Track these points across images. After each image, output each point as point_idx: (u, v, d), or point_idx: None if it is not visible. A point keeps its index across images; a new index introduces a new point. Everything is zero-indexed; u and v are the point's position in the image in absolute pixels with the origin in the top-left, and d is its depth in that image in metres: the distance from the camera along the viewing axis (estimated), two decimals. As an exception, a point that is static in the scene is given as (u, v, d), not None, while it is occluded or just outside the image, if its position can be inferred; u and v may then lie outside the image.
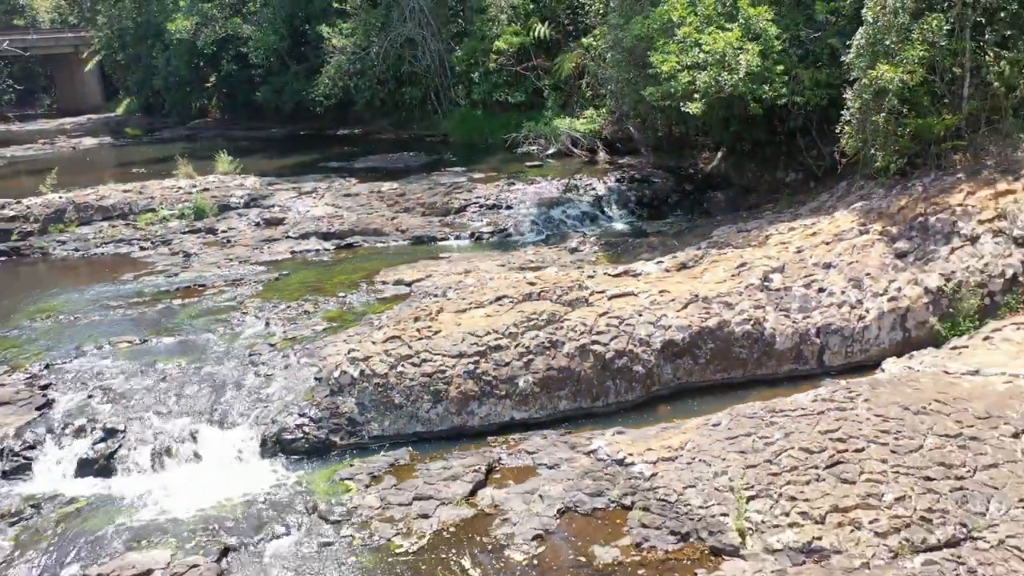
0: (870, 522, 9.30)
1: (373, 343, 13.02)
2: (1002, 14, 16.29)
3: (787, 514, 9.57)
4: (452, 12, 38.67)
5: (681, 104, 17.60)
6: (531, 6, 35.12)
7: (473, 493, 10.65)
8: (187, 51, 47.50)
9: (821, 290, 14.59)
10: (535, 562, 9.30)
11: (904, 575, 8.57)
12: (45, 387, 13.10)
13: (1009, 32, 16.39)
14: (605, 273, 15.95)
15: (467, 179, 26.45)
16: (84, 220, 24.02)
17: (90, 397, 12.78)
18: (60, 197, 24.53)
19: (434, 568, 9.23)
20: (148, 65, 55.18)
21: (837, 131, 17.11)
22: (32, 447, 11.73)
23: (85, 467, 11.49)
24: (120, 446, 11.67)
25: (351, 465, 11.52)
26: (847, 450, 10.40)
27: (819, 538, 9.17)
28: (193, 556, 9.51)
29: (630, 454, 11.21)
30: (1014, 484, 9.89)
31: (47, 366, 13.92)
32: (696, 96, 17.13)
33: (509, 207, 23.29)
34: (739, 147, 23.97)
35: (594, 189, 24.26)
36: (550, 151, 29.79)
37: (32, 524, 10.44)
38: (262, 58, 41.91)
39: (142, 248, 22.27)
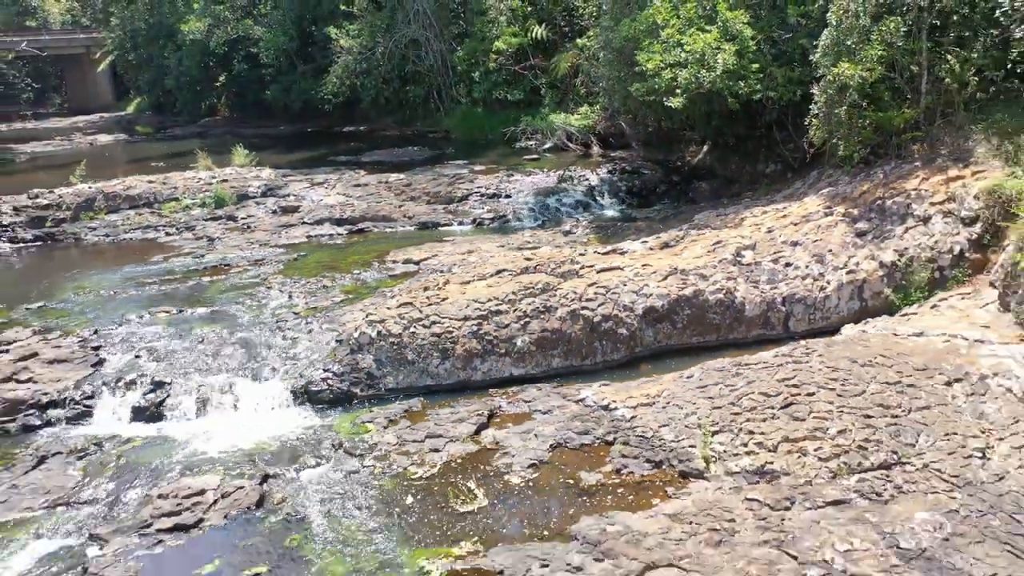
0: (815, 450, 10.83)
1: (388, 309, 14.55)
2: (955, 17, 17.77)
3: (745, 444, 11.10)
4: (454, 14, 40.11)
5: (664, 99, 19.15)
6: (529, 8, 36.59)
7: (477, 433, 12.17)
8: (199, 52, 49.00)
9: (788, 264, 16.13)
10: (530, 484, 10.82)
11: (840, 490, 10.10)
12: (96, 348, 14.62)
13: (962, 34, 17.86)
14: (595, 251, 17.49)
15: (468, 171, 27.94)
16: (112, 208, 25.50)
17: (137, 357, 14.29)
18: (90, 187, 26.01)
19: (444, 489, 10.74)
20: (160, 65, 56.63)
21: (806, 124, 18.63)
22: (91, 397, 13.26)
23: (138, 414, 13.00)
24: (167, 396, 13.18)
25: (370, 412, 13.04)
26: (799, 394, 11.93)
27: (771, 463, 10.70)
28: (239, 480, 11.03)
29: (613, 401, 12.74)
30: (942, 422, 11.42)
31: (95, 331, 15.41)
32: (678, 91, 18.67)
33: (508, 196, 24.78)
34: (722, 141, 25.47)
35: (587, 180, 25.74)
36: (547, 145, 31.27)
37: (96, 459, 11.95)
38: (272, 58, 43.41)
39: (168, 233, 23.74)
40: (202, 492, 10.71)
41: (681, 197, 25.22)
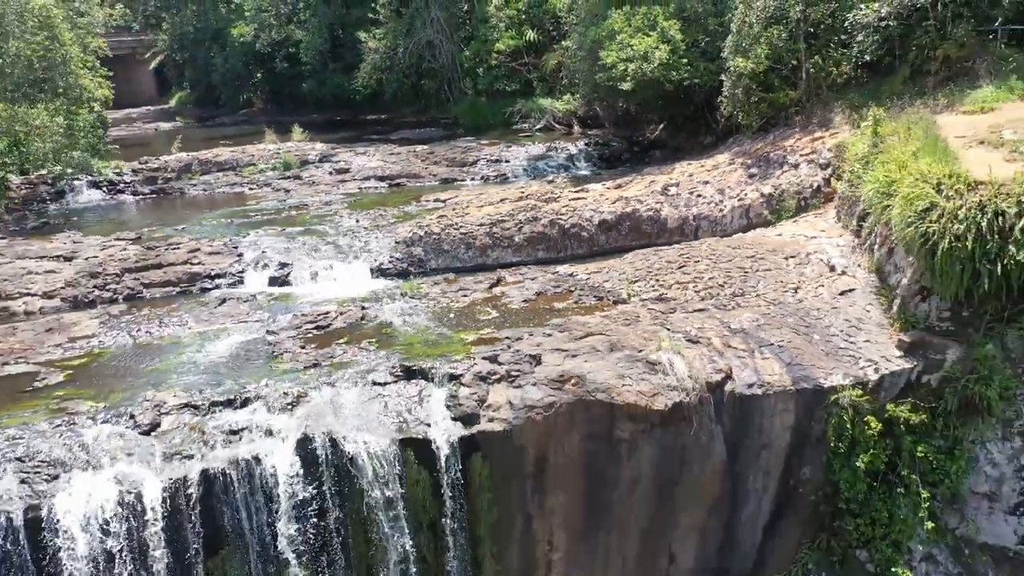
0: (692, 287, 17.27)
1: (429, 220, 20.95)
2: (821, 27, 24.09)
3: (652, 287, 17.55)
4: (462, 21, 46.22)
5: (618, 84, 25.53)
6: (523, 16, 42.67)
7: (490, 288, 18.54)
8: (244, 52, 55.12)
9: (699, 196, 22.54)
10: (523, 309, 17.21)
11: (703, 305, 16.51)
12: (235, 247, 20.98)
13: (826, 39, 24.16)
14: (568, 190, 23.88)
15: (476, 144, 34.24)
16: (205, 171, 31.74)
17: (263, 253, 20.65)
18: (187, 155, 32.30)
19: (472, 311, 17.13)
20: (205, 64, 62.65)
21: (719, 103, 25.02)
22: (242, 272, 19.64)
23: (272, 281, 19.37)
24: (291, 271, 19.57)
25: (421, 280, 19.44)
26: (688, 262, 18.38)
27: (666, 294, 17.14)
28: (347, 307, 17.41)
29: (576, 272, 19.17)
30: (775, 276, 17.81)
31: (230, 239, 21.76)
32: (628, 78, 25.05)
33: (507, 161, 31.07)
34: (672, 120, 31.85)
35: (568, 150, 32.05)
36: (538, 125, 37.54)
37: (255, 302, 18.30)
38: (310, 57, 49.56)
39: (250, 188, 30.01)
40: (327, 313, 17.08)
41: (639, 162, 31.51)
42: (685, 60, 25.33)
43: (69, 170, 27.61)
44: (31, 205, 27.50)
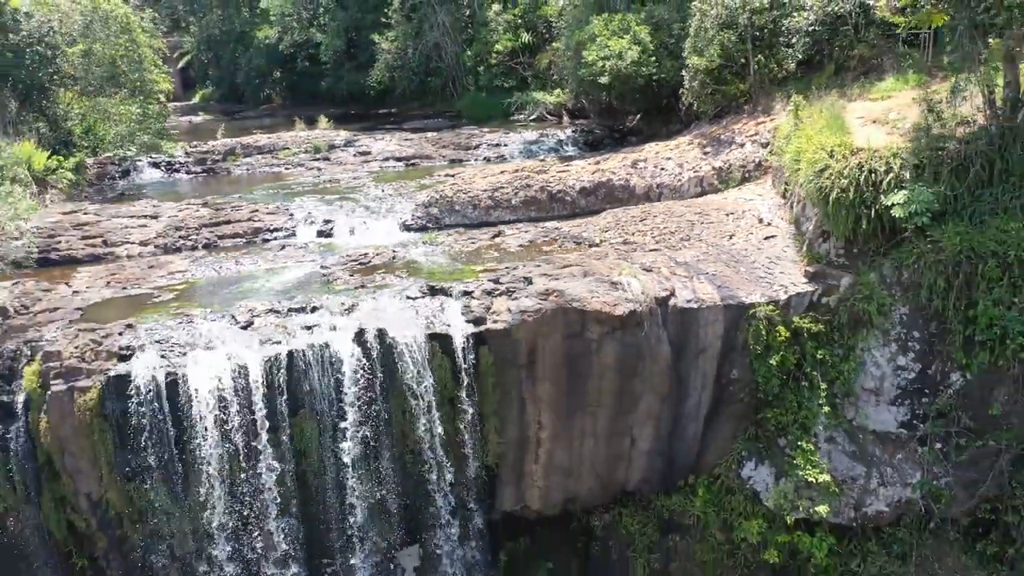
0: (651, 234, 21.43)
1: (443, 186, 25.10)
2: (765, 31, 28.15)
3: (619, 234, 21.71)
4: (465, 24, 50.25)
5: (597, 78, 29.67)
6: (519, 21, 46.72)
7: (492, 238, 22.67)
8: (267, 52, 59.17)
9: (663, 169, 26.67)
10: (519, 251, 21.35)
11: (656, 247, 20.70)
12: (286, 208, 25.09)
13: (769, 40, 28.23)
14: (556, 166, 28.03)
15: (478, 132, 38.29)
16: (247, 154, 35.81)
17: (310, 213, 24.76)
18: (231, 140, 36.39)
19: (479, 253, 21.27)
20: (230, 63, 66.67)
21: (681, 94, 29.17)
22: (294, 227, 23.75)
23: (319, 234, 23.47)
24: (333, 226, 23.69)
25: (437, 233, 23.58)
26: (648, 217, 22.54)
27: (631, 239, 21.31)
28: (381, 251, 21.55)
29: (561, 226, 23.32)
30: (717, 228, 21.97)
31: (281, 204, 25.87)
32: (605, 74, 29.21)
33: (505, 145, 35.13)
34: (648, 112, 35.97)
35: (558, 136, 36.13)
36: (532, 117, 41.64)
37: (305, 250, 22.37)
38: (329, 57, 53.64)
39: (287, 168, 34.07)
40: (365, 254, 21.21)
41: (619, 146, 35.58)
42: (653, 58, 29.47)
43: (132, 151, 31.64)
44: (103, 181, 31.52)
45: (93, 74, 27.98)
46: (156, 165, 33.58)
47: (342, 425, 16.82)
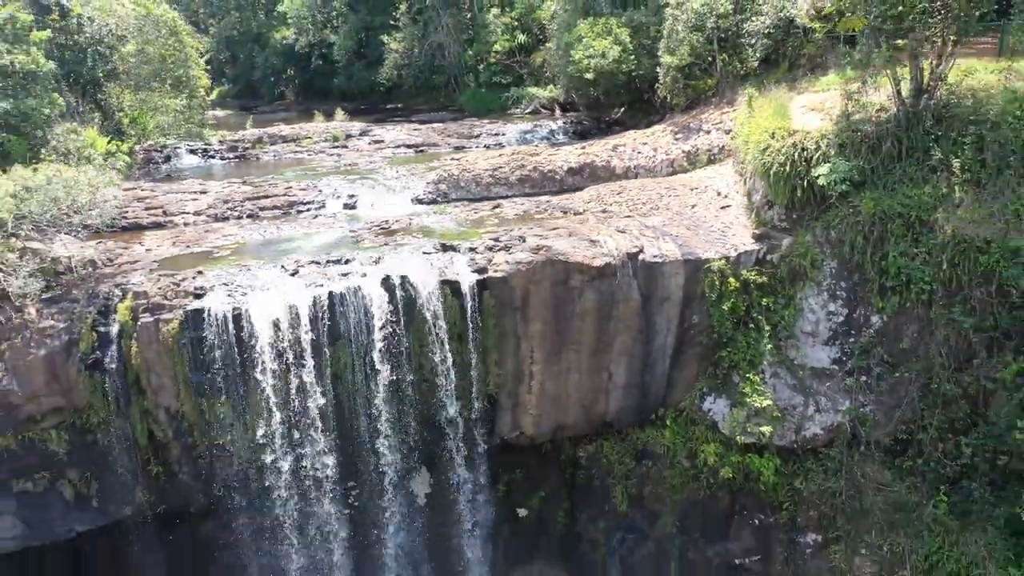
0: (626, 206, 24.80)
1: (450, 167, 28.43)
2: (729, 34, 31.48)
3: (599, 206, 25.07)
4: (466, 26, 53.50)
5: (584, 74, 32.99)
6: (516, 24, 49.99)
7: (492, 209, 25.96)
8: (284, 52, 62.41)
9: (639, 152, 30.00)
10: (515, 217, 24.70)
11: (629, 216, 24.08)
12: (315, 186, 28.40)
13: (733, 42, 31.55)
14: (547, 150, 31.38)
15: (479, 123, 41.55)
16: (272, 142, 39.05)
17: (336, 189, 28.07)
18: (258, 130, 39.64)
19: (481, 220, 24.58)
20: (247, 62, 69.92)
21: (656, 88, 32.50)
22: (323, 200, 27.07)
23: (345, 207, 26.74)
24: (357, 201, 27.00)
25: (445, 205, 26.92)
26: (624, 191, 25.90)
27: (608, 208, 24.67)
28: (399, 219, 24.90)
29: (552, 199, 26.67)
30: (682, 200, 25.33)
31: (310, 182, 29.17)
32: (590, 71, 32.54)
33: (503, 134, 38.40)
34: (631, 105, 39.26)
35: (550, 126, 39.42)
36: (528, 110, 44.90)
37: (334, 219, 25.70)
38: (341, 56, 56.92)
39: (309, 155, 37.28)
40: (386, 221, 24.55)
41: (604, 135, 38.87)
42: (632, 57, 32.79)
43: (175, 139, 34.91)
44: (148, 165, 34.79)
45: (142, 71, 31.20)
46: (193, 152, 36.85)
47: (371, 355, 20.19)
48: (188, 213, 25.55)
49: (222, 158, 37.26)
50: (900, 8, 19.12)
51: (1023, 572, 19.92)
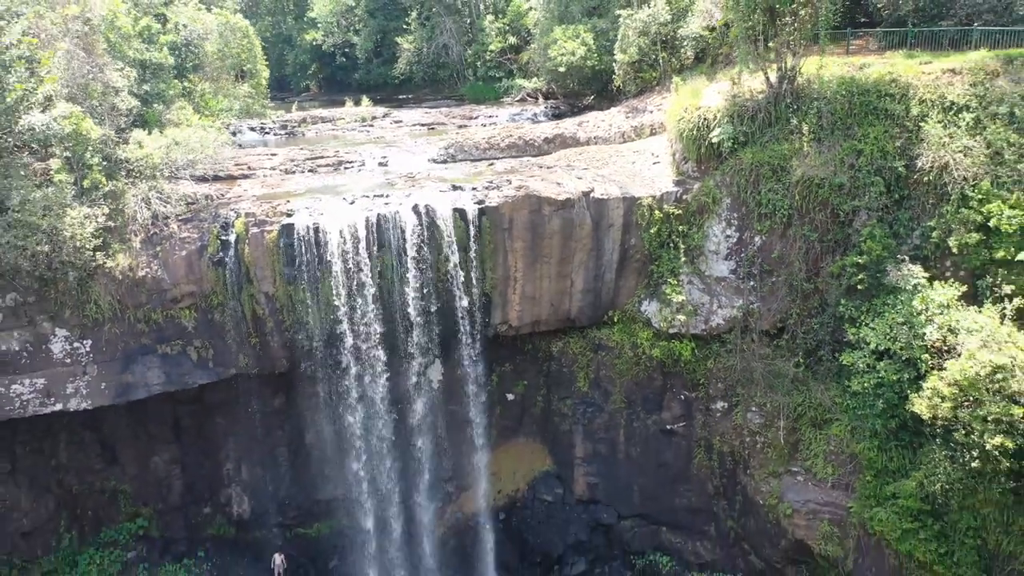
0: (584, 163, 32.22)
1: (456, 136, 35.79)
2: (669, 37, 38.69)
3: (565, 163, 32.50)
4: (466, 30, 60.51)
5: (558, 68, 40.29)
6: (507, 28, 57.02)
7: (488, 165, 33.35)
8: (311, 51, 69.38)
9: (598, 127, 37.27)
10: (504, 171, 32.04)
11: (587, 168, 31.52)
12: (356, 150, 35.70)
13: (672, 42, 38.80)
14: (530, 126, 38.76)
15: (477, 108, 48.73)
16: (314, 122, 46.07)
17: (371, 153, 35.34)
18: (301, 113, 46.82)
19: (480, 173, 31.88)
20: (278, 59, 76.56)
21: (614, 80, 39.82)
22: (363, 160, 34.36)
23: (380, 164, 34.02)
24: (388, 160, 34.33)
25: (453, 164, 34.28)
26: (585, 153, 33.23)
27: (571, 165, 32.09)
28: (420, 171, 32.26)
29: (531, 160, 34.08)
30: (627, 162, 32.75)
31: (350, 149, 36.45)
32: (562, 66, 39.86)
33: (497, 116, 45.38)
34: (600, 93, 46.48)
35: (534, 110, 46.50)
36: (517, 98, 51.95)
37: (372, 173, 33.00)
38: (362, 54, 63.98)
39: (344, 132, 44.37)
40: (411, 173, 31.81)
41: (577, 116, 46.21)
42: (596, 54, 40.09)
43: (239, 118, 42.07)
44: (219, 138, 41.93)
45: (221, 64, 38.28)
46: (252, 129, 43.96)
47: (404, 260, 27.65)
48: (266, 168, 32.84)
49: (275, 134, 44.35)
50: (759, 26, 26.37)
51: (847, 404, 27.41)
